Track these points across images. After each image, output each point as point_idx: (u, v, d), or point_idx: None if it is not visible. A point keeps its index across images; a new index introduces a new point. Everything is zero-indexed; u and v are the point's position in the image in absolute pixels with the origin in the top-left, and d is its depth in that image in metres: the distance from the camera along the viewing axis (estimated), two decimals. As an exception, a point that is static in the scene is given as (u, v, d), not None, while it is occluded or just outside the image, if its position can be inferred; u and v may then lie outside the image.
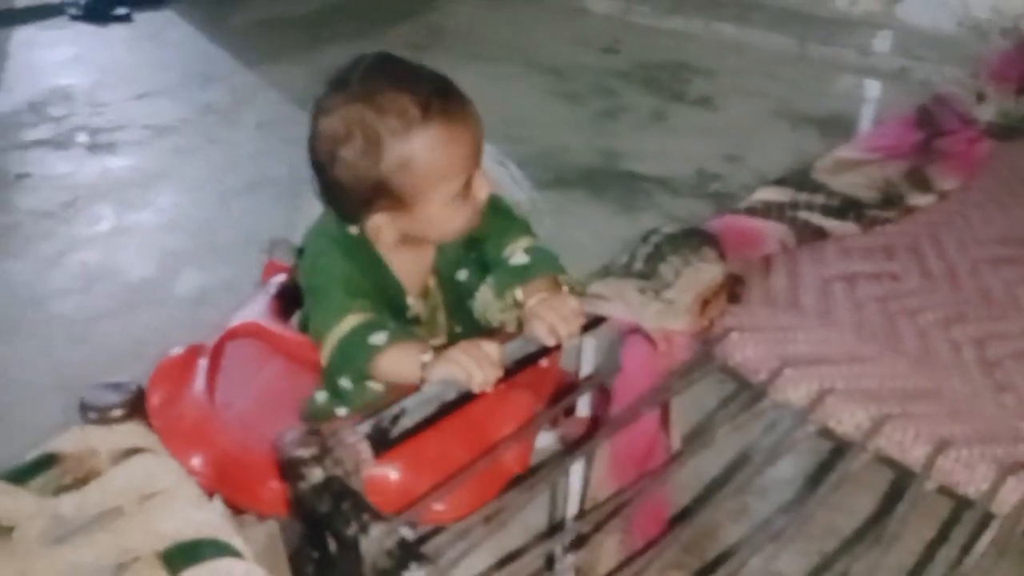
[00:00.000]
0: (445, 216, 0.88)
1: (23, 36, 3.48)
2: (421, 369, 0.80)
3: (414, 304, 0.97)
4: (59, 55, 3.33)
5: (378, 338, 0.83)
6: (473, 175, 0.88)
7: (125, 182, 2.42)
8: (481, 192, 0.89)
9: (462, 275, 0.98)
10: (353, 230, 0.91)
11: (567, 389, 0.96)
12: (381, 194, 0.86)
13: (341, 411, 0.92)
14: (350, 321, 0.84)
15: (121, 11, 3.66)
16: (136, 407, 0.84)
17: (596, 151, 2.52)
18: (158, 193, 2.37)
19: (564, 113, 2.79)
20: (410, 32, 3.52)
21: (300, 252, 1.01)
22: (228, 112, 2.85)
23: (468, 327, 0.98)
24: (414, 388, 0.79)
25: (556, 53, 3.26)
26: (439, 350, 0.81)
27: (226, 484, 0.89)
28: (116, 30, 3.58)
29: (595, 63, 3.18)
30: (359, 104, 0.84)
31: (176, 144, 2.64)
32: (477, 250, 0.97)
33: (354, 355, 0.84)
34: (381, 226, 0.89)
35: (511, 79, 3.06)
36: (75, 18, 3.63)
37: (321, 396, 0.95)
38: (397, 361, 0.82)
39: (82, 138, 2.67)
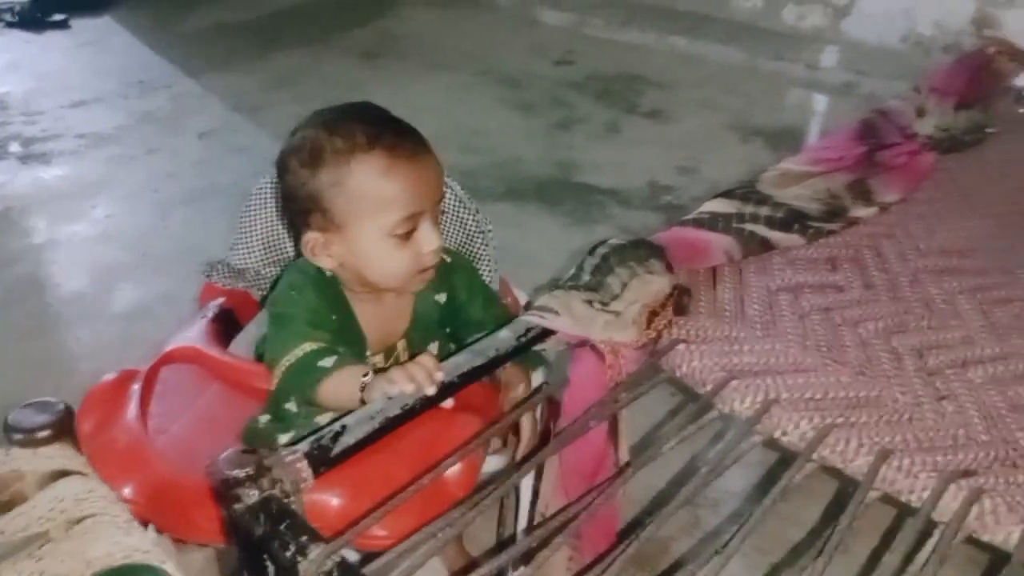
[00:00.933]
0: (378, 253, 0.89)
1: (-44, 42, 3.37)
2: (360, 390, 0.80)
3: (375, 360, 0.97)
4: (-7, 62, 3.23)
5: (327, 361, 0.85)
6: (417, 221, 0.89)
7: (59, 193, 2.34)
8: (427, 243, 0.90)
9: (433, 348, 1.00)
10: (327, 271, 0.93)
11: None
12: (314, 208, 0.89)
13: (283, 438, 0.90)
14: (306, 348, 0.87)
15: (58, 17, 3.56)
16: (63, 428, 0.80)
17: (550, 162, 2.52)
18: (93, 204, 2.30)
19: (518, 124, 2.79)
20: (363, 40, 3.49)
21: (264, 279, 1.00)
22: (169, 120, 2.78)
23: None
24: None
25: (510, 63, 3.27)
26: (381, 372, 0.80)
27: (160, 512, 0.85)
28: (53, 37, 3.48)
29: (549, 74, 3.19)
30: (319, 126, 0.89)
31: (113, 153, 2.57)
32: (454, 323, 1.00)
33: (303, 377, 0.85)
34: (315, 244, 0.91)
35: (465, 89, 3.05)
36: (10, 25, 3.53)
37: (263, 419, 0.93)
38: (340, 383, 0.83)
39: (15, 147, 2.58)
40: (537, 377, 0.98)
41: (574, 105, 2.93)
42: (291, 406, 0.90)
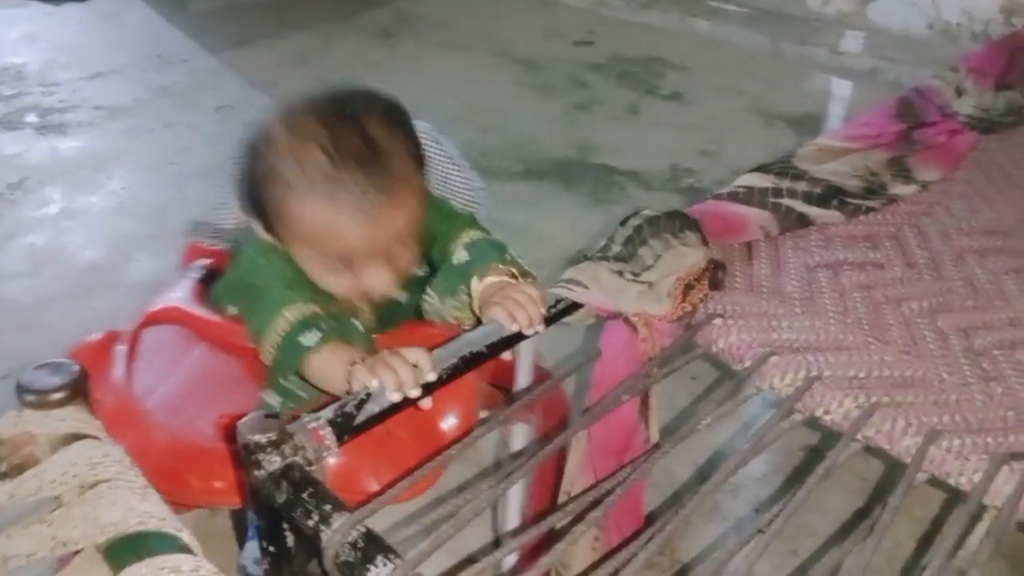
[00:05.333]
0: (317, 272, 0.85)
1: (-26, 14, 3.36)
2: (347, 377, 0.74)
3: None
4: (12, 34, 3.22)
5: (309, 338, 0.78)
6: (361, 262, 0.83)
7: (76, 164, 2.32)
8: (373, 283, 0.84)
9: (401, 297, 0.93)
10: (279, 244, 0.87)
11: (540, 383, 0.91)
12: (259, 213, 0.85)
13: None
14: (286, 316, 0.80)
15: (78, -11, 3.54)
16: (78, 390, 0.77)
17: (569, 143, 2.48)
18: (110, 175, 2.28)
19: (537, 105, 2.75)
20: (379, 19, 3.45)
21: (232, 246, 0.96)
22: (186, 95, 2.76)
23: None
24: None
25: (529, 44, 3.22)
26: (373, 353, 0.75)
27: (151, 474, 0.82)
28: (71, 9, 3.46)
29: (569, 55, 3.15)
30: (293, 132, 0.81)
31: (130, 126, 2.55)
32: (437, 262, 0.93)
33: (286, 357, 0.80)
34: (263, 234, 0.87)
35: (483, 69, 3.01)
36: (30, -5, 3.50)
37: (272, 399, 0.88)
38: (326, 363, 0.77)
39: (32, 118, 2.56)
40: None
41: (593, 87, 2.88)
42: (289, 384, 0.85)
